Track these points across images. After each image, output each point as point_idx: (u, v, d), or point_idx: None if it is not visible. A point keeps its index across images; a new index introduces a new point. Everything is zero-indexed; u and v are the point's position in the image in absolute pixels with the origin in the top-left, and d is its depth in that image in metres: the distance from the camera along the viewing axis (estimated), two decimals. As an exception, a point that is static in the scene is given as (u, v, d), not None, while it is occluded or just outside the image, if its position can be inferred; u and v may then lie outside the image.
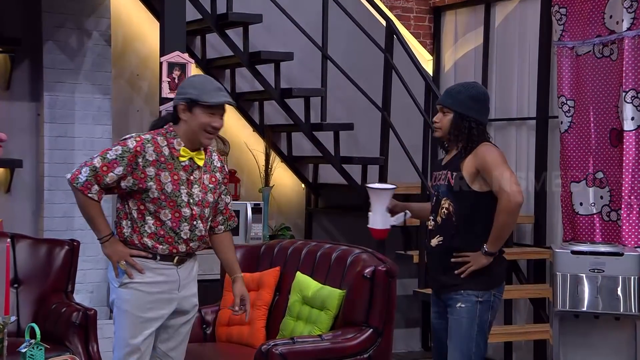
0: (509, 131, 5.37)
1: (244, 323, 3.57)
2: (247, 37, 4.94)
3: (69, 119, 4.69)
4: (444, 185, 2.94)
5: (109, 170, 2.76)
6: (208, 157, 2.87)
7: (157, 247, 2.79)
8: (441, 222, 2.93)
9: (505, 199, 2.84)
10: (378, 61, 5.10)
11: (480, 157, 2.89)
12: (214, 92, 2.77)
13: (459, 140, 2.93)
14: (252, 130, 5.38)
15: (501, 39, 5.42)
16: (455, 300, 2.92)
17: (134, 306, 2.81)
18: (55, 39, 4.64)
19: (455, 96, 2.93)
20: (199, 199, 2.81)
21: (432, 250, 2.97)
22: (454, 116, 2.92)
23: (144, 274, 2.79)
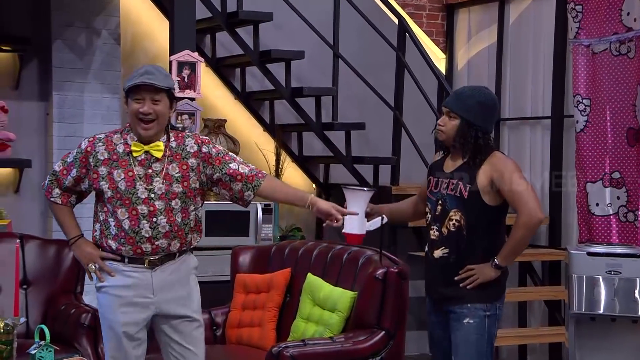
0: (523, 131, 5.35)
1: (254, 325, 3.57)
2: (257, 35, 4.94)
3: (78, 118, 4.71)
4: (454, 196, 2.85)
5: (67, 173, 2.80)
6: (178, 144, 2.78)
7: (120, 249, 2.76)
8: (448, 233, 2.85)
9: (527, 215, 2.78)
10: (390, 59, 5.10)
11: (496, 168, 2.81)
12: (137, 76, 2.69)
13: (465, 150, 2.85)
14: (262, 130, 5.39)
15: (515, 37, 5.40)
16: (461, 315, 2.86)
17: (107, 310, 2.80)
18: (64, 38, 4.66)
19: (465, 101, 2.84)
20: (162, 192, 2.73)
21: (435, 262, 2.89)
22: (461, 123, 2.83)
23: (115, 277, 2.78)
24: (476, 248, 2.85)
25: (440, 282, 2.89)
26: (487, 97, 2.87)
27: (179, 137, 2.81)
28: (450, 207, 2.85)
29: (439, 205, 2.88)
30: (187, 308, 2.83)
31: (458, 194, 2.84)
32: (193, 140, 2.81)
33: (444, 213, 2.86)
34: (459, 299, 2.86)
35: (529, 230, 2.81)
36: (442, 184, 2.89)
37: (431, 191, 2.93)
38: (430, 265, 2.92)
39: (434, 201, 2.91)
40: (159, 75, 2.72)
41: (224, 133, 5.14)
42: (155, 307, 2.80)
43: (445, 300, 2.89)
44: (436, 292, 2.93)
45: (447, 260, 2.86)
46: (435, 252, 2.87)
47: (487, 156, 2.84)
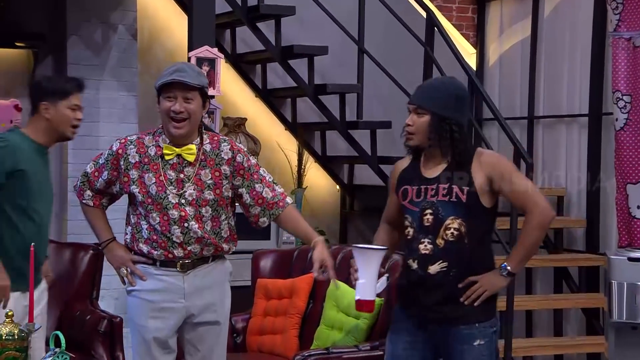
0: (559, 129, 5.31)
1: (276, 332, 3.59)
2: (279, 30, 4.96)
3: (94, 117, 4.75)
4: (448, 201, 2.63)
5: (99, 175, 2.84)
6: (213, 149, 2.79)
7: (152, 253, 2.79)
8: (446, 245, 2.63)
9: (540, 214, 2.64)
10: (418, 55, 5.08)
11: (493, 166, 2.65)
12: (168, 74, 2.71)
13: (443, 147, 2.65)
14: (284, 129, 5.40)
15: (550, 31, 5.36)
16: (470, 336, 2.64)
17: (137, 315, 2.83)
18: (80, 33, 4.70)
19: (432, 94, 2.66)
20: (192, 198, 2.74)
21: (431, 279, 2.64)
22: (432, 118, 2.63)
23: (146, 281, 2.80)
24: (480, 258, 2.67)
25: (438, 301, 2.65)
26: (456, 88, 2.70)
27: (214, 141, 2.81)
28: (446, 215, 2.63)
29: (429, 215, 2.65)
30: (217, 314, 2.86)
31: (454, 198, 2.63)
32: (229, 146, 2.81)
33: (437, 223, 2.64)
34: (464, 318, 2.65)
35: (544, 230, 2.70)
36: (429, 192, 2.67)
37: (412, 202, 2.69)
38: (421, 283, 2.66)
39: (418, 212, 2.67)
40: (191, 72, 2.73)
41: (244, 132, 5.16)
42: (186, 312, 2.82)
43: (447, 321, 2.66)
44: (431, 312, 2.67)
45: (447, 276, 2.63)
46: (431, 267, 2.64)
47: (471, 153, 2.68)
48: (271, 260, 3.81)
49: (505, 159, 2.76)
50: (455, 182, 2.65)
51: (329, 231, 5.44)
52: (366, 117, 5.10)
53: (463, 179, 2.65)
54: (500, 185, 2.66)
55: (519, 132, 5.43)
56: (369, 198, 5.47)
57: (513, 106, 5.59)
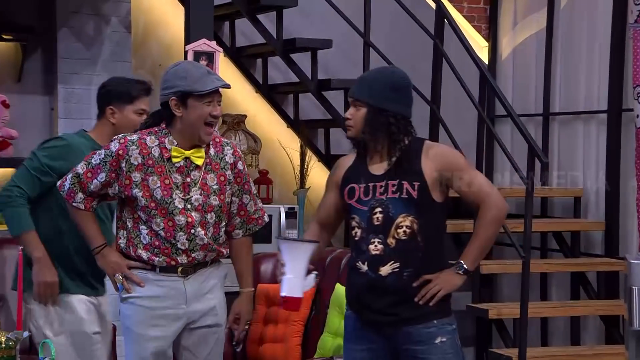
0: (576, 126, 5.29)
1: (277, 340, 3.57)
2: (280, 22, 4.95)
3: (86, 114, 4.74)
4: (399, 198, 2.61)
5: (93, 177, 2.78)
6: (217, 152, 2.81)
7: (153, 260, 2.77)
8: (397, 244, 2.61)
9: (495, 208, 2.63)
10: (427, 49, 5.06)
11: (443, 159, 2.65)
12: (204, 77, 2.71)
13: (376, 140, 2.64)
14: (286, 126, 5.39)
15: (567, 22, 5.34)
16: (430, 334, 2.63)
17: (135, 323, 2.80)
18: (71, 25, 4.70)
19: (370, 85, 2.66)
20: (198, 204, 2.75)
21: (382, 280, 2.61)
22: (369, 111, 2.64)
23: (144, 287, 2.78)
24: (434, 256, 2.66)
25: (392, 303, 2.62)
26: (396, 77, 2.69)
27: (217, 144, 2.83)
28: (397, 213, 2.61)
29: (379, 213, 2.63)
30: (218, 317, 2.88)
31: (405, 194, 2.61)
32: (232, 150, 2.85)
33: (387, 222, 2.62)
34: (421, 317, 2.63)
35: (499, 225, 2.68)
36: (377, 189, 2.65)
37: (359, 200, 2.66)
38: (372, 285, 2.63)
39: (367, 211, 2.64)
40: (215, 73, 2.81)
41: (244, 129, 5.15)
42: (187, 318, 2.82)
43: (403, 322, 2.64)
44: (385, 315, 2.65)
45: (400, 276, 2.61)
46: (382, 269, 2.61)
47: (419, 146, 2.67)
48: (272, 265, 3.80)
49: (455, 152, 2.77)
50: (405, 177, 2.64)
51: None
52: (372, 114, 5.08)
53: (412, 173, 2.64)
54: (451, 179, 2.66)
55: (534, 130, 5.42)
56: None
57: (527, 102, 5.58)
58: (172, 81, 2.74)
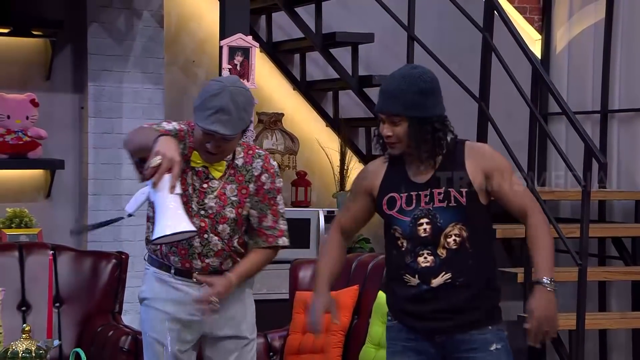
0: (638, 124, 5.22)
1: (317, 351, 3.59)
2: (320, 15, 4.97)
3: (117, 112, 4.81)
4: (446, 207, 2.62)
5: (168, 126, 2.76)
6: (245, 164, 2.81)
7: (169, 257, 2.81)
8: (448, 254, 2.62)
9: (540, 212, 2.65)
10: (475, 42, 5.04)
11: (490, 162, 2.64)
12: (211, 113, 2.63)
13: (424, 149, 2.63)
14: (325, 125, 5.41)
15: (628, 12, 5.28)
16: (485, 341, 2.64)
17: (150, 327, 2.85)
18: (101, 20, 4.76)
19: (401, 99, 2.60)
20: (212, 212, 2.77)
21: (434, 292, 2.63)
22: (411, 124, 2.60)
23: (161, 290, 2.81)
24: (483, 261, 2.66)
25: (444, 312, 2.64)
26: (423, 80, 2.64)
27: (248, 155, 2.83)
28: (446, 222, 2.62)
29: (425, 224, 2.63)
30: (239, 328, 2.88)
31: (453, 202, 2.61)
32: (261, 162, 2.83)
33: (436, 232, 2.62)
34: (476, 324, 2.64)
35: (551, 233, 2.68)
36: (422, 198, 2.64)
37: (401, 211, 2.65)
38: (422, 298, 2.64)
39: (410, 222, 2.64)
40: (235, 115, 2.65)
41: (281, 129, 5.19)
42: (202, 326, 2.84)
43: (456, 329, 2.65)
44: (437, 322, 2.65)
45: (452, 286, 2.63)
46: (434, 280, 2.62)
47: (461, 147, 2.66)
48: (311, 271, 3.82)
49: (498, 152, 2.74)
50: (451, 184, 2.63)
51: (374, 239, 5.42)
52: (417, 112, 5.07)
53: (459, 179, 2.63)
54: (499, 182, 2.63)
55: (591, 128, 5.36)
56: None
57: (584, 99, 5.52)
58: (199, 92, 2.74)
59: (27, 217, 4.51)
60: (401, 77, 2.65)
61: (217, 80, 2.72)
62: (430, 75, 2.67)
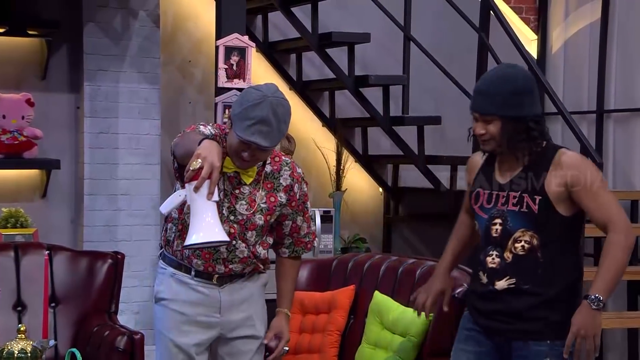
0: (633, 124, 5.24)
1: (313, 351, 3.59)
2: (316, 15, 4.97)
3: (113, 112, 4.81)
4: (518, 212, 2.64)
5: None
6: (273, 171, 2.82)
7: (191, 260, 2.81)
8: (514, 259, 2.66)
9: (623, 232, 2.59)
10: (471, 42, 5.05)
11: (573, 169, 2.62)
12: (251, 124, 2.60)
13: (519, 149, 2.66)
14: (321, 125, 5.42)
15: (624, 12, 5.29)
16: (539, 353, 2.65)
17: (166, 328, 2.85)
18: (97, 20, 4.75)
19: (495, 98, 2.63)
20: (242, 218, 2.78)
21: (498, 295, 2.69)
22: (504, 123, 2.62)
23: (179, 290, 2.81)
24: (556, 273, 2.66)
25: (506, 316, 2.69)
26: (517, 79, 2.65)
27: (275, 162, 2.84)
28: (515, 227, 2.66)
29: (497, 225, 2.68)
30: (255, 328, 2.90)
31: (525, 208, 2.63)
32: (289, 171, 2.84)
33: (505, 234, 2.67)
34: (536, 334, 2.66)
35: (630, 250, 2.62)
36: (500, 199, 2.69)
37: (482, 207, 2.73)
38: (489, 297, 2.71)
39: (486, 220, 2.71)
40: (275, 127, 2.63)
41: (278, 129, 5.19)
42: (220, 328, 2.86)
43: (513, 333, 2.69)
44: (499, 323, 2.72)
45: (515, 293, 2.67)
46: (498, 283, 2.68)
47: (552, 154, 2.66)
48: (307, 271, 3.82)
49: (588, 163, 2.70)
50: (526, 190, 2.65)
51: (371, 238, 5.43)
52: (413, 112, 5.08)
53: (535, 186, 2.64)
54: (580, 194, 2.62)
55: (586, 128, 5.37)
56: (415, 202, 5.46)
57: (580, 99, 5.53)
58: (237, 100, 2.71)
59: (22, 217, 4.51)
60: (496, 77, 2.68)
61: (256, 89, 2.68)
62: (525, 75, 2.69)
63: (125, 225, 4.78)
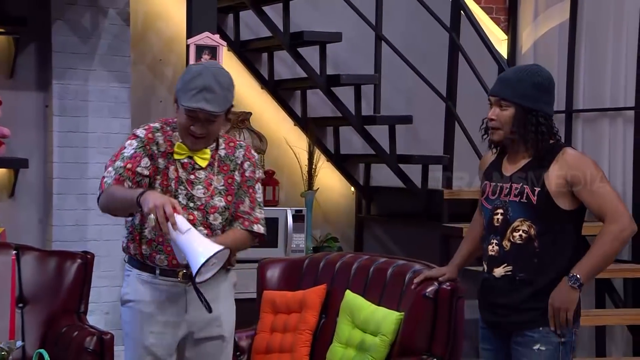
0: (601, 124, 5.29)
1: (284, 350, 3.59)
2: (287, 14, 4.96)
3: (82, 111, 4.77)
4: (518, 202, 2.77)
5: (135, 165, 2.76)
6: (228, 154, 2.84)
7: (154, 257, 2.79)
8: (512, 247, 2.79)
9: (617, 223, 2.71)
10: (442, 42, 5.07)
11: (572, 165, 2.74)
12: (195, 92, 2.67)
13: (527, 141, 2.78)
14: (293, 124, 5.41)
15: (592, 13, 5.34)
16: (530, 340, 2.78)
17: (134, 330, 2.84)
18: (66, 18, 4.72)
19: (516, 86, 2.77)
20: (201, 203, 2.78)
21: (495, 282, 2.82)
22: (517, 111, 2.76)
23: (144, 291, 2.80)
24: (552, 262, 2.77)
25: (503, 305, 2.83)
26: (542, 76, 2.80)
27: (230, 146, 2.87)
28: (514, 216, 2.79)
29: (499, 214, 2.82)
30: (222, 329, 2.88)
31: (525, 199, 2.77)
32: (243, 152, 2.88)
33: (505, 224, 2.81)
34: (528, 323, 2.78)
35: (619, 243, 2.73)
36: (503, 190, 2.83)
37: (487, 199, 2.88)
38: (488, 285, 2.86)
39: (490, 210, 2.85)
40: (220, 94, 2.69)
41: (249, 128, 5.17)
42: (187, 326, 2.83)
43: (510, 325, 2.83)
44: (497, 316, 2.86)
45: (511, 279, 2.79)
46: (496, 270, 2.82)
47: (557, 151, 2.78)
48: (279, 270, 3.81)
49: (587, 159, 2.81)
50: (527, 182, 2.78)
51: (342, 238, 5.43)
52: (384, 112, 5.09)
53: (536, 179, 2.77)
54: (580, 192, 2.75)
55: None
56: (387, 201, 5.46)
57: (549, 99, 5.57)
58: (180, 76, 2.78)
59: (-10, 217, 4.46)
60: (522, 68, 2.86)
61: (197, 64, 2.78)
62: (548, 75, 2.84)
63: (95, 224, 4.74)
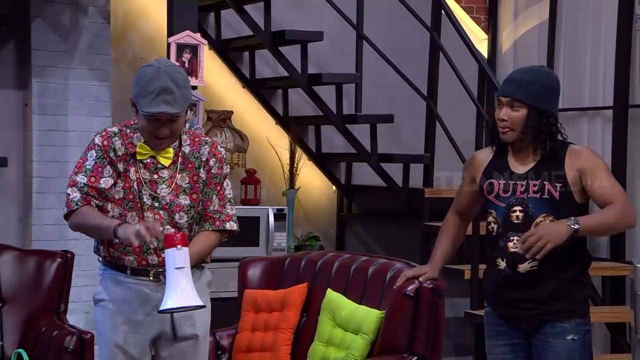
0: (580, 123, 5.32)
1: (266, 349, 3.58)
2: (269, 13, 4.95)
3: (62, 109, 4.74)
4: (540, 198, 2.81)
5: (99, 177, 2.78)
6: (192, 151, 2.82)
7: (123, 259, 2.79)
8: None
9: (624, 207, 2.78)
10: (423, 41, 5.09)
11: (585, 161, 2.82)
12: (154, 96, 2.66)
13: (540, 142, 2.82)
14: (274, 123, 5.40)
15: (571, 14, 5.37)
16: (562, 330, 2.82)
17: (106, 329, 2.84)
18: (45, 15, 4.69)
19: (528, 87, 2.81)
20: (165, 202, 2.78)
21: (521, 277, 2.84)
22: (530, 113, 2.80)
23: (116, 290, 2.80)
24: (573, 254, 2.83)
25: (529, 299, 2.85)
26: (551, 79, 2.88)
27: (195, 142, 2.85)
28: (537, 212, 2.82)
29: (518, 211, 2.84)
30: (196, 328, 2.86)
31: (547, 195, 2.81)
32: (209, 148, 2.85)
33: (527, 220, 2.82)
34: (558, 315, 2.83)
35: (621, 223, 2.79)
36: (518, 187, 2.85)
37: (498, 196, 2.88)
38: (510, 281, 2.86)
39: (505, 208, 2.86)
40: (178, 94, 2.68)
41: (230, 127, 5.16)
42: (160, 326, 2.82)
43: (540, 319, 2.85)
44: (524, 310, 2.87)
45: (538, 274, 2.82)
46: (521, 266, 2.83)
47: (564, 148, 2.85)
48: (260, 269, 3.81)
49: (596, 154, 2.91)
50: (547, 178, 2.82)
51: (324, 236, 5.43)
52: (366, 111, 5.10)
53: (555, 175, 2.82)
54: (587, 180, 2.81)
55: (536, 127, 5.43)
56: (368, 200, 5.47)
57: (529, 98, 5.60)
58: (133, 83, 2.75)
59: (-31, 216, 4.42)
60: (530, 70, 2.88)
61: (148, 65, 2.75)
62: (556, 77, 2.91)
63: (74, 223, 4.70)
